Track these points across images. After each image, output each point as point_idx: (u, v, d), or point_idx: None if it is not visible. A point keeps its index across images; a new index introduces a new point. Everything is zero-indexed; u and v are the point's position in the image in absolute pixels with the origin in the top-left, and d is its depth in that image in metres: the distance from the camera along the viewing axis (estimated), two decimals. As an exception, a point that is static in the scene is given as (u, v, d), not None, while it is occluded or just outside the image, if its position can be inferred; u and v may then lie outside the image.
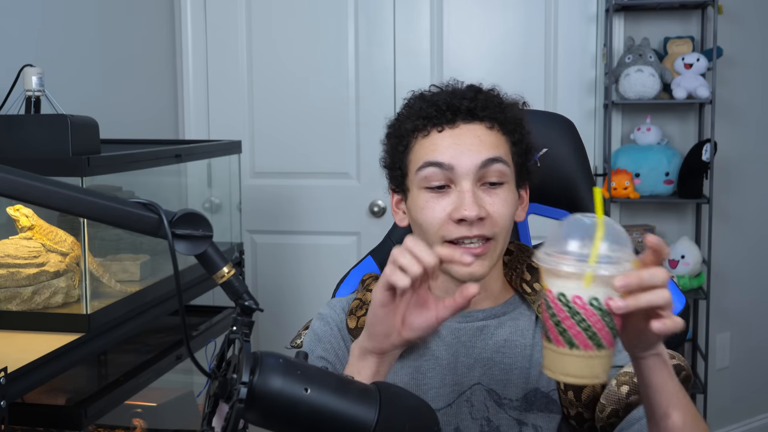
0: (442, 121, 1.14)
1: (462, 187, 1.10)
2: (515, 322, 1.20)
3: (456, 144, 1.12)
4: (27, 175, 0.80)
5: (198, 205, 2.51)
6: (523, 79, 2.94)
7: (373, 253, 1.45)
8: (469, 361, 1.18)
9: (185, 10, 3.06)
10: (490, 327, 1.19)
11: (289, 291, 3.12)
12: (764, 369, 3.22)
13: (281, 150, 3.07)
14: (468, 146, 1.11)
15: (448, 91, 1.18)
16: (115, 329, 1.71)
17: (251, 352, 0.78)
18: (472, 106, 1.13)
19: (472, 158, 1.11)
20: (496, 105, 1.16)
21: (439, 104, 1.14)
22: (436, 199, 1.12)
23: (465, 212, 1.08)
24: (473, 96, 1.15)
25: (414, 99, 1.20)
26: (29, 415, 1.57)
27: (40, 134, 1.59)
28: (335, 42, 3.01)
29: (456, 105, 1.13)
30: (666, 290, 0.85)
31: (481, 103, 1.14)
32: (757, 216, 3.14)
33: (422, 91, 1.21)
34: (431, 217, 1.12)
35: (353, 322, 1.20)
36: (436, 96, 1.17)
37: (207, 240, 0.84)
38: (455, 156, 1.11)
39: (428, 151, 1.13)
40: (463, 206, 1.09)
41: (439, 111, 1.14)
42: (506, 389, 1.17)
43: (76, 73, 2.44)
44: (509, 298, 1.23)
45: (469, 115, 1.13)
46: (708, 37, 2.88)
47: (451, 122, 1.13)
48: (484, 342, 1.19)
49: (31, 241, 1.69)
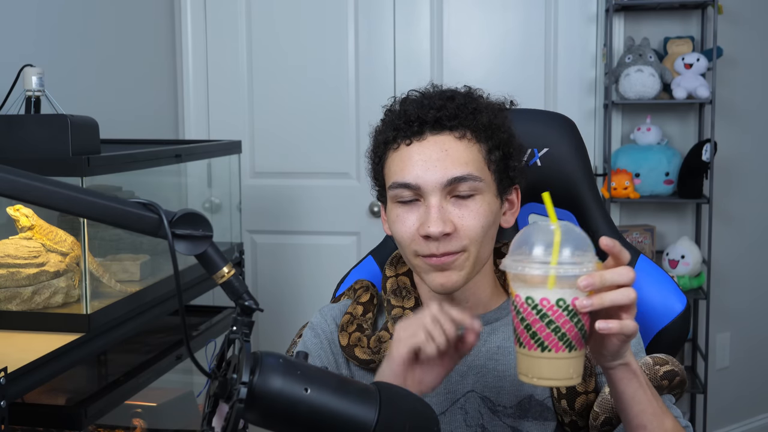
0: (409, 134, 1.11)
1: (429, 202, 1.08)
2: (508, 328, 1.18)
3: (423, 160, 1.09)
4: (27, 175, 0.80)
5: (198, 205, 2.51)
6: (523, 79, 2.94)
7: (374, 253, 1.45)
8: (462, 368, 1.16)
9: (185, 10, 3.06)
10: (483, 334, 1.17)
11: (289, 291, 3.12)
12: (764, 369, 3.22)
13: (281, 150, 3.07)
14: (434, 162, 1.08)
15: (419, 99, 1.14)
16: (115, 329, 1.71)
17: (251, 352, 0.78)
18: (440, 116, 1.10)
19: (437, 175, 1.08)
20: (469, 112, 1.11)
21: (409, 114, 1.11)
22: (406, 213, 1.11)
23: (429, 229, 1.07)
24: (442, 104, 1.11)
25: (392, 106, 1.17)
26: (29, 415, 1.57)
27: (40, 134, 1.58)
28: (335, 42, 3.01)
29: (423, 116, 1.10)
30: (631, 290, 0.87)
31: (450, 111, 1.10)
32: (757, 216, 3.14)
33: (401, 96, 1.18)
34: (403, 232, 1.11)
35: (345, 339, 1.18)
36: (408, 104, 1.13)
37: (207, 240, 0.84)
38: (421, 174, 1.08)
39: (397, 168, 1.11)
40: (428, 222, 1.07)
41: (407, 122, 1.11)
42: (500, 396, 1.16)
43: (76, 73, 2.44)
44: (502, 303, 1.21)
45: (437, 125, 1.10)
46: (708, 37, 2.88)
47: (419, 134, 1.10)
48: (477, 349, 1.17)
49: (31, 241, 1.69)
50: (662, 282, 1.33)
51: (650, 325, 1.31)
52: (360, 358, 1.16)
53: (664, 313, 1.31)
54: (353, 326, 1.19)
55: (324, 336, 1.22)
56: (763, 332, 3.20)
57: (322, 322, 1.24)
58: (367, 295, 1.24)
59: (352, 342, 1.17)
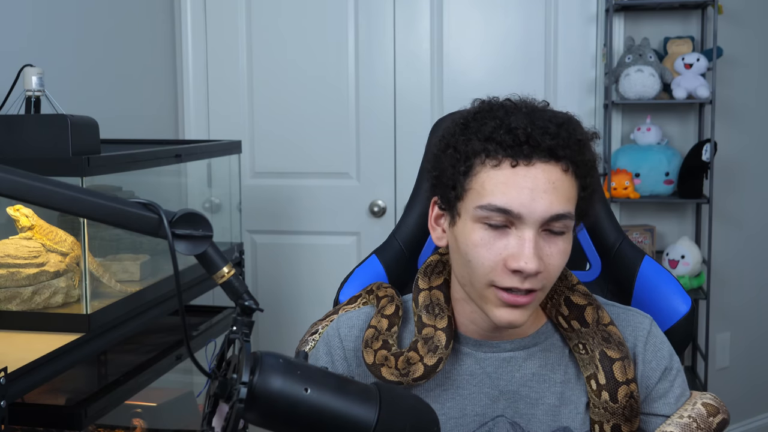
0: (517, 155, 1.00)
1: (524, 234, 0.99)
2: (546, 354, 1.14)
3: (529, 189, 0.99)
4: (27, 175, 0.80)
5: (198, 205, 2.51)
6: (523, 80, 2.94)
7: (378, 252, 1.44)
8: (494, 392, 1.12)
9: (185, 10, 3.06)
10: (518, 359, 1.12)
11: (289, 291, 3.12)
12: (764, 369, 3.22)
13: (281, 150, 3.07)
14: (541, 193, 0.99)
15: (526, 114, 1.04)
16: (115, 329, 1.71)
17: (251, 352, 0.78)
18: (554, 145, 1.00)
19: (542, 208, 0.99)
20: (575, 143, 1.02)
21: (518, 133, 1.00)
22: (494, 239, 1.01)
23: (524, 265, 0.98)
24: (556, 131, 1.01)
25: (483, 111, 1.06)
26: (29, 415, 1.57)
27: (40, 134, 1.58)
28: (335, 42, 3.01)
29: (537, 140, 1.00)
30: None
31: (563, 140, 1.01)
32: (757, 216, 3.14)
33: (491, 100, 1.08)
34: (485, 258, 1.01)
35: (370, 356, 1.11)
36: (512, 118, 1.02)
37: (207, 240, 0.84)
38: (525, 204, 0.99)
39: (497, 190, 1.00)
40: (522, 257, 0.99)
41: (516, 141, 1.00)
42: (531, 424, 1.11)
43: (76, 73, 2.44)
44: (541, 326, 1.15)
45: (549, 154, 1.00)
46: (708, 37, 2.88)
47: (528, 158, 1.00)
48: (511, 374, 1.12)
49: (31, 241, 1.69)
50: (667, 283, 1.31)
51: (653, 326, 1.31)
52: (387, 378, 1.10)
53: (669, 314, 1.30)
54: (378, 343, 1.12)
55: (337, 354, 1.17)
56: (763, 332, 3.19)
57: (334, 337, 1.19)
58: (392, 306, 1.17)
59: (378, 361, 1.11)
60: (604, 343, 1.10)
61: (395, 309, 1.17)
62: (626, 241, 1.37)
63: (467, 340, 1.14)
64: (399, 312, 1.17)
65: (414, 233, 1.43)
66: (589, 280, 1.39)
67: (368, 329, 1.15)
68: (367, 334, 1.14)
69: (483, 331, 1.12)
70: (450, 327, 1.11)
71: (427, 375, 1.09)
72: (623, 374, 1.08)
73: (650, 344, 1.14)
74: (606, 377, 1.09)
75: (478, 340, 1.13)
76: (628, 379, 1.09)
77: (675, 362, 1.15)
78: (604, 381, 1.09)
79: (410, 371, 1.09)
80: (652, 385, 1.13)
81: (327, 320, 1.29)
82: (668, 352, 1.15)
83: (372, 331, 1.14)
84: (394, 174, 3.01)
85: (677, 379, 1.14)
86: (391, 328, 1.14)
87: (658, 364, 1.13)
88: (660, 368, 1.13)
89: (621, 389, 1.08)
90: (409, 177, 1.52)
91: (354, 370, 1.17)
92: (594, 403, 1.11)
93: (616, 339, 1.11)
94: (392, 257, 1.41)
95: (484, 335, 1.13)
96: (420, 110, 2.97)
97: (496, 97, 1.10)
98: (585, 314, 1.12)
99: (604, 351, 1.09)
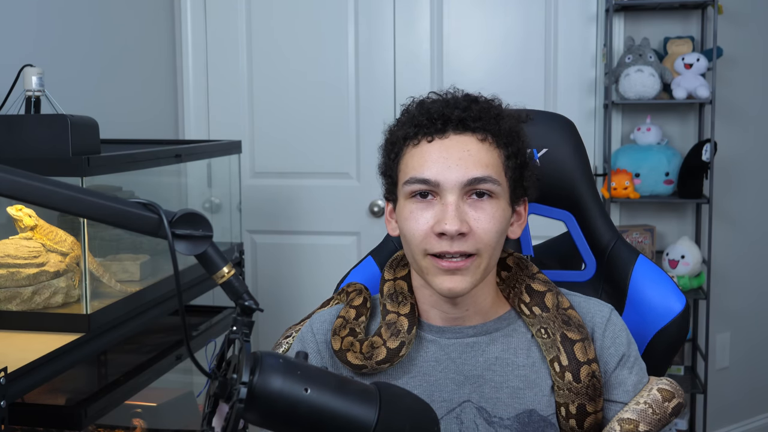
0: (432, 131, 1.10)
1: (446, 200, 1.07)
2: (508, 339, 1.18)
3: (444, 158, 1.08)
4: (27, 175, 0.80)
5: (198, 205, 2.51)
6: (523, 80, 2.94)
7: (374, 254, 1.45)
8: (459, 378, 1.16)
9: (185, 10, 3.06)
10: (481, 343, 1.17)
11: (289, 291, 3.12)
12: (764, 369, 3.22)
13: (281, 150, 3.07)
14: (456, 160, 1.08)
15: (443, 99, 1.14)
16: (115, 329, 1.71)
17: (251, 352, 0.78)
18: (465, 116, 1.10)
19: (458, 174, 1.07)
20: (492, 116, 1.12)
21: (432, 113, 1.11)
22: (421, 210, 1.09)
23: (446, 226, 1.06)
24: (467, 105, 1.11)
25: (410, 106, 1.17)
26: (29, 415, 1.57)
27: (40, 134, 1.58)
28: (335, 42, 3.01)
29: (448, 114, 1.10)
30: None
31: (474, 113, 1.10)
32: (757, 216, 3.14)
33: (421, 98, 1.18)
34: (414, 229, 1.09)
35: (337, 343, 1.17)
36: (431, 104, 1.13)
37: (207, 240, 0.84)
38: (441, 171, 1.08)
39: (416, 163, 1.10)
40: (444, 220, 1.06)
41: (430, 120, 1.10)
42: (496, 408, 1.15)
43: (76, 73, 2.44)
44: (503, 313, 1.20)
45: (461, 125, 1.10)
46: (708, 37, 2.88)
47: (441, 132, 1.10)
48: (474, 359, 1.16)
49: (31, 241, 1.69)
50: (661, 282, 1.33)
51: (649, 325, 1.31)
52: (352, 363, 1.15)
53: (663, 313, 1.31)
54: (345, 330, 1.17)
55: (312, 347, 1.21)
56: (763, 332, 3.19)
57: (308, 333, 1.23)
58: (360, 298, 1.23)
59: (345, 347, 1.16)
60: (564, 326, 1.14)
61: (363, 301, 1.22)
62: (620, 240, 1.38)
63: (431, 328, 1.18)
64: (367, 304, 1.22)
65: (411, 234, 1.43)
66: (584, 280, 1.40)
67: (337, 319, 1.21)
68: (335, 323, 1.20)
69: (445, 315, 1.17)
70: (413, 313, 1.16)
71: (390, 359, 1.14)
72: (584, 354, 1.12)
73: (609, 331, 1.17)
74: (568, 358, 1.12)
75: (441, 327, 1.18)
76: (589, 359, 1.12)
77: (633, 350, 1.18)
78: (567, 362, 1.12)
79: (373, 354, 1.14)
80: (610, 371, 1.16)
81: (301, 324, 1.33)
82: (626, 340, 1.18)
83: (340, 320, 1.20)
84: (394, 174, 3.01)
85: (635, 367, 1.17)
86: (359, 318, 1.20)
87: (617, 350, 1.16)
88: (618, 354, 1.16)
89: (583, 369, 1.12)
90: (409, 177, 1.52)
91: (327, 361, 1.21)
92: (558, 386, 1.14)
93: (576, 322, 1.15)
94: (388, 258, 1.41)
95: (446, 321, 1.17)
96: (420, 110, 2.97)
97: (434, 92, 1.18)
98: (545, 300, 1.16)
99: (565, 333, 1.13)
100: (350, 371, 1.17)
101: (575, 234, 1.39)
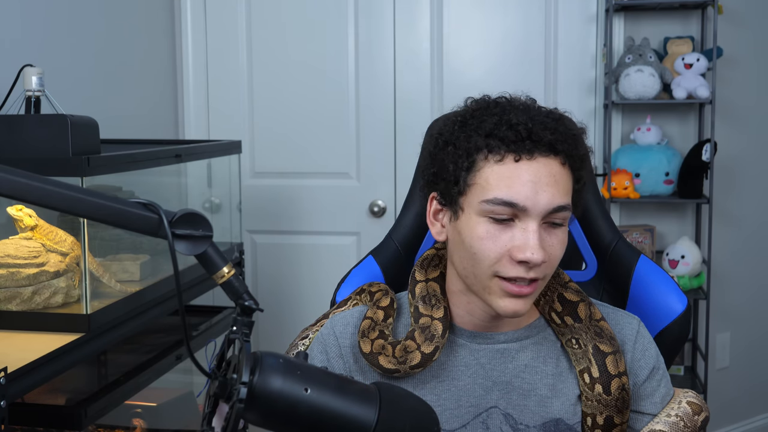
0: (520, 150, 1.03)
1: (528, 226, 1.03)
2: (538, 346, 1.17)
3: (533, 182, 1.03)
4: (27, 175, 0.80)
5: (198, 205, 2.51)
6: (523, 80, 2.94)
7: (374, 253, 1.45)
8: (488, 383, 1.15)
9: (185, 10, 3.06)
10: (511, 350, 1.15)
11: (289, 291, 3.12)
12: (764, 369, 3.22)
13: (281, 150, 3.07)
14: (544, 186, 1.03)
15: (523, 109, 1.08)
16: (115, 329, 1.71)
17: (251, 352, 0.78)
18: (553, 139, 1.04)
19: (546, 200, 1.03)
20: (571, 137, 1.06)
21: (519, 129, 1.04)
22: (499, 231, 1.04)
23: (531, 255, 1.02)
24: (554, 127, 1.05)
25: (481, 109, 1.09)
26: (29, 415, 1.57)
27: (40, 134, 1.58)
28: (335, 42, 3.01)
29: (538, 135, 1.03)
30: None
31: (561, 135, 1.05)
32: (757, 216, 3.14)
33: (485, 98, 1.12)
34: (489, 250, 1.04)
35: (367, 345, 1.13)
36: (511, 115, 1.06)
37: (207, 240, 0.84)
38: (530, 196, 1.02)
39: (501, 184, 1.03)
40: (528, 248, 1.02)
41: (518, 137, 1.03)
42: (523, 415, 1.14)
43: (76, 73, 2.44)
44: (533, 321, 1.18)
45: (549, 148, 1.04)
46: (708, 37, 2.88)
47: (530, 153, 1.03)
48: (504, 365, 1.15)
49: (31, 241, 1.69)
50: (663, 282, 1.33)
51: (651, 325, 1.31)
52: (384, 366, 1.12)
53: (665, 313, 1.31)
54: (375, 332, 1.14)
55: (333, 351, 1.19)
56: (763, 332, 3.19)
57: (329, 335, 1.20)
58: (386, 299, 1.20)
59: (376, 350, 1.13)
60: (596, 337, 1.13)
61: (390, 302, 1.20)
62: (622, 240, 1.38)
63: (462, 332, 1.17)
64: (394, 304, 1.20)
65: (410, 234, 1.43)
66: (585, 280, 1.40)
67: (364, 320, 1.18)
68: (363, 324, 1.17)
69: (479, 322, 1.15)
70: (446, 317, 1.14)
71: (424, 363, 1.12)
72: (615, 367, 1.12)
73: (639, 344, 1.17)
74: (599, 370, 1.12)
75: (473, 332, 1.16)
76: (620, 372, 1.12)
77: (661, 362, 1.19)
78: (598, 374, 1.12)
79: (408, 359, 1.12)
80: (640, 383, 1.16)
81: (318, 325, 1.31)
82: (655, 353, 1.18)
83: (368, 321, 1.17)
84: (394, 174, 3.01)
85: (663, 379, 1.18)
86: (387, 320, 1.18)
87: (647, 363, 1.17)
88: (648, 367, 1.17)
89: (614, 382, 1.11)
90: (409, 177, 1.53)
91: (351, 366, 1.18)
92: (587, 396, 1.13)
93: (607, 334, 1.14)
94: (388, 258, 1.42)
95: (478, 327, 1.16)
96: (420, 110, 2.97)
97: (488, 95, 1.13)
98: (578, 310, 1.15)
99: (597, 345, 1.13)
100: (381, 374, 1.14)
101: (576, 234, 1.39)
